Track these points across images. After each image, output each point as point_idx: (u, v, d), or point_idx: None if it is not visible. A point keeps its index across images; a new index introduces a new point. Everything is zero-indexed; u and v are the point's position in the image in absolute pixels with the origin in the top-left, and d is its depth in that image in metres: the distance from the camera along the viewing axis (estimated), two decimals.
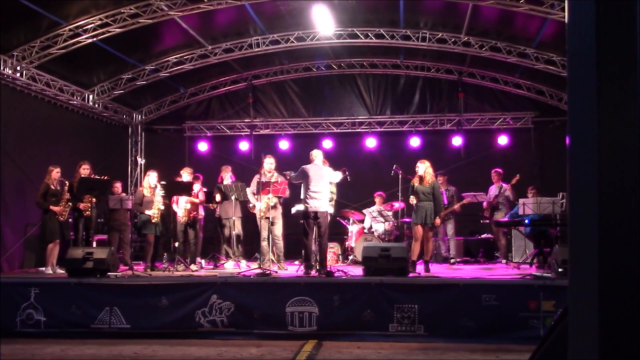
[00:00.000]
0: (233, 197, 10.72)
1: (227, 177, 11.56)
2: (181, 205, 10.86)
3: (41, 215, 10.14)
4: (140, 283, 8.49)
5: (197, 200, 11.12)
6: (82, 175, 10.20)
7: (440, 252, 12.66)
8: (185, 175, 11.11)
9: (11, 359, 7.05)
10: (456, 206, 12.11)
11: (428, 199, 9.56)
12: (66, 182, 10.14)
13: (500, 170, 12.33)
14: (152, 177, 10.81)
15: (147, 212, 10.58)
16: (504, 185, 12.12)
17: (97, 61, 13.11)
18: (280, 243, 10.64)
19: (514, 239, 12.12)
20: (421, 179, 9.65)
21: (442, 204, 11.84)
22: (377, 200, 12.45)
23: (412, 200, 9.66)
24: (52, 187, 10.04)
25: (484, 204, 12.25)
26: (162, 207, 10.66)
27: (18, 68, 11.30)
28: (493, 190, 12.21)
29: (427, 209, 9.53)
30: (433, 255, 12.53)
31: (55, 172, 10.10)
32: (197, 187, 11.22)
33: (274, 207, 10.47)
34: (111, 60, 13.12)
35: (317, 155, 9.44)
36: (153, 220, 10.53)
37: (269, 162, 10.49)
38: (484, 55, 13.24)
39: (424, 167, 9.70)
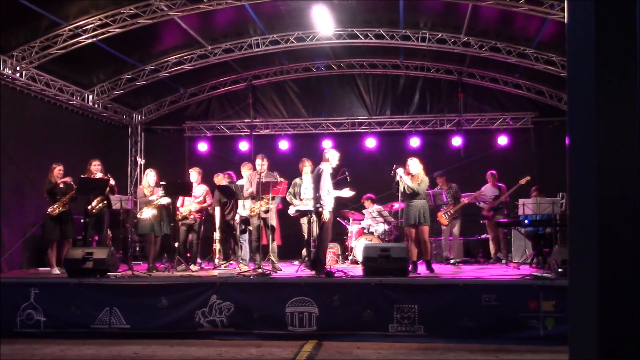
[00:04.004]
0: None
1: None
2: (186, 207, 10.84)
3: (43, 215, 10.14)
4: (140, 283, 8.48)
5: (205, 205, 11.13)
6: (93, 173, 10.18)
7: (441, 253, 12.65)
8: (194, 174, 11.13)
9: (11, 359, 7.05)
10: (465, 200, 12.06)
11: (414, 198, 9.54)
12: (73, 185, 10.08)
13: (494, 172, 12.34)
14: (150, 176, 10.72)
15: (146, 210, 10.46)
16: (501, 186, 12.12)
17: (97, 61, 13.11)
18: (274, 244, 10.59)
19: (514, 239, 12.13)
20: (412, 176, 9.62)
21: (450, 202, 11.88)
22: (366, 203, 12.29)
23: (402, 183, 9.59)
24: (60, 186, 10.00)
25: (483, 204, 12.24)
26: (156, 211, 10.50)
27: (18, 68, 11.30)
28: (489, 190, 12.19)
29: (419, 208, 9.51)
30: (433, 256, 12.53)
31: (58, 170, 10.06)
32: (203, 188, 11.19)
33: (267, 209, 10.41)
34: (111, 60, 13.12)
35: (328, 155, 9.45)
36: (140, 216, 10.38)
37: (259, 163, 10.31)
38: (483, 55, 13.25)
39: (416, 165, 9.67)
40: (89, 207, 10.08)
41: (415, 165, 9.68)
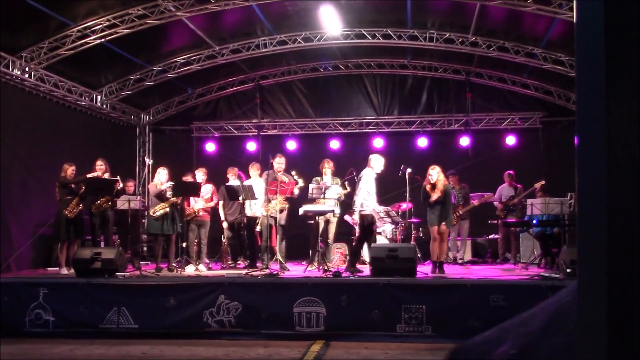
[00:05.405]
0: (240, 198, 10.70)
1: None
2: (195, 205, 10.86)
3: (53, 215, 10.20)
4: (148, 283, 8.52)
5: (212, 204, 11.16)
6: (96, 173, 10.21)
7: (448, 253, 12.61)
8: (200, 175, 11.15)
9: (19, 359, 7.08)
10: (475, 202, 12.06)
11: (439, 205, 9.55)
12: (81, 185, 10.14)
13: (512, 172, 12.29)
14: (162, 174, 10.62)
15: (158, 209, 10.40)
16: (518, 186, 12.08)
17: (105, 62, 13.16)
18: (283, 244, 10.57)
19: (522, 240, 12.08)
20: (434, 185, 9.58)
21: (459, 203, 11.87)
22: None
23: (433, 197, 9.57)
24: (72, 186, 10.06)
25: (497, 204, 12.21)
26: (168, 209, 10.43)
27: (27, 69, 11.35)
28: (505, 190, 12.16)
29: (441, 209, 9.53)
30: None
31: (71, 170, 10.12)
32: (209, 187, 11.21)
33: (282, 208, 10.44)
34: (119, 61, 13.16)
35: (372, 161, 9.88)
36: (155, 214, 10.28)
37: (278, 162, 10.46)
38: (491, 55, 13.21)
39: (436, 174, 9.63)
40: (93, 206, 10.16)
41: (436, 174, 9.63)
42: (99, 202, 10.14)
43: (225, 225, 11.71)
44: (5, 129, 10.62)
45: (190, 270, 10.31)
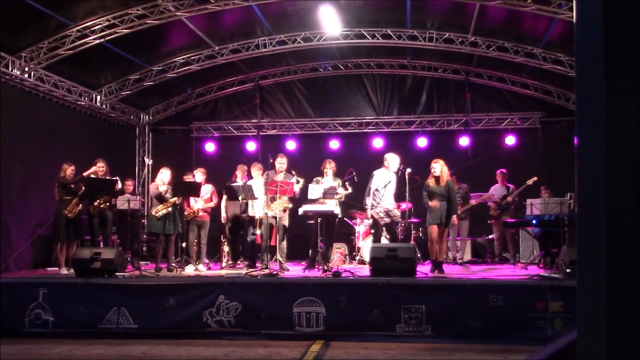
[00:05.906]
0: (240, 198, 10.69)
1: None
2: (194, 205, 10.86)
3: (53, 215, 10.19)
4: (147, 283, 8.51)
5: (211, 205, 11.16)
6: (96, 173, 10.21)
7: (447, 253, 12.61)
8: (199, 175, 11.16)
9: (19, 359, 7.08)
10: (474, 201, 12.07)
11: (443, 199, 9.51)
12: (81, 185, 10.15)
13: (504, 170, 12.29)
14: (165, 174, 10.57)
15: (160, 209, 10.37)
16: (510, 186, 12.07)
17: (105, 62, 13.15)
18: (283, 244, 10.58)
19: (522, 239, 12.08)
20: (437, 179, 9.57)
21: (459, 203, 11.87)
22: None
23: (433, 203, 9.49)
24: (71, 186, 10.07)
25: (490, 204, 12.21)
26: (170, 209, 10.43)
27: (26, 69, 11.34)
28: (498, 190, 12.15)
29: (442, 209, 9.47)
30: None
31: (70, 170, 10.12)
32: (209, 187, 11.21)
33: (285, 208, 10.42)
34: (118, 61, 13.16)
35: (386, 160, 10.12)
36: (158, 214, 10.24)
37: (279, 162, 10.44)
38: (491, 55, 13.21)
39: (439, 167, 9.62)
40: (91, 207, 10.16)
41: (439, 167, 9.62)
42: (96, 202, 10.14)
43: (223, 220, 11.67)
44: (5, 129, 10.62)
45: (189, 270, 10.32)
